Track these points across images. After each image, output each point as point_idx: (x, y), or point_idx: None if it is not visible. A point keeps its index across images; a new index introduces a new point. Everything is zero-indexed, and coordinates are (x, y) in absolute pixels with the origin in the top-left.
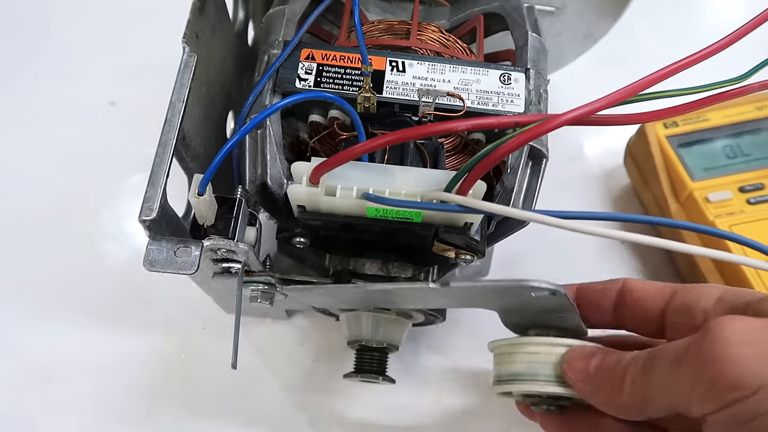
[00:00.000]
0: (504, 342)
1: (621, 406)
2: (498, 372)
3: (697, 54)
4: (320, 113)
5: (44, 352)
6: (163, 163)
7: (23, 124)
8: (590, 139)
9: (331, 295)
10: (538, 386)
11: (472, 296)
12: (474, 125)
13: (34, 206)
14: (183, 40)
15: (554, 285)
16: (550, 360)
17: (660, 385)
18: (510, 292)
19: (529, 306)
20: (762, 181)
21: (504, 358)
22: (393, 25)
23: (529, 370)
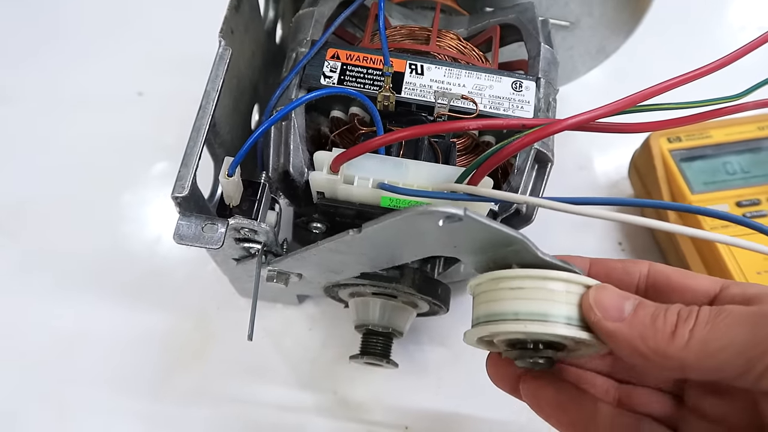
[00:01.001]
0: (484, 278)
1: (664, 356)
2: (477, 313)
3: (695, 71)
4: (341, 109)
5: (67, 327)
6: (196, 146)
7: (53, 111)
8: (598, 152)
9: (298, 263)
10: (523, 326)
11: (394, 236)
12: (484, 125)
13: (61, 190)
14: (219, 35)
15: (455, 208)
16: (540, 296)
17: (728, 342)
18: (416, 221)
19: (471, 242)
20: (759, 197)
21: (486, 296)
22: (414, 30)
23: (530, 308)
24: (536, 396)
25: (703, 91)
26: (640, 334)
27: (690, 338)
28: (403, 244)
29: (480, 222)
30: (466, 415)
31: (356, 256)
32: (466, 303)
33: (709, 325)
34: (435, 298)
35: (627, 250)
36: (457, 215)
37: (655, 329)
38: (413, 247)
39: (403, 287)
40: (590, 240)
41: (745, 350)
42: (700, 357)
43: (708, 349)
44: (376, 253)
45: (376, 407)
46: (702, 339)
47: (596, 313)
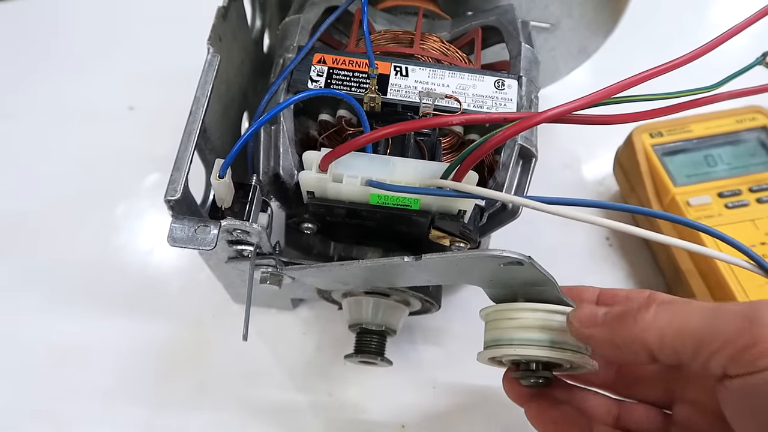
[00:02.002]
0: (500, 307)
1: (632, 341)
2: (491, 337)
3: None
4: (329, 112)
5: (62, 339)
6: (188, 150)
7: (45, 126)
8: (583, 150)
9: (322, 274)
10: (530, 350)
11: (449, 268)
12: (467, 120)
13: (54, 203)
14: (208, 42)
15: (520, 254)
16: (544, 325)
17: (685, 325)
18: (480, 261)
19: (507, 279)
20: (739, 188)
21: (497, 323)
22: (398, 34)
23: (523, 335)
24: (540, 417)
25: (679, 85)
26: (611, 330)
27: (651, 321)
28: (445, 274)
29: (537, 269)
30: (462, 412)
31: (384, 276)
32: (458, 300)
33: (668, 310)
34: (427, 296)
35: (614, 246)
36: (521, 261)
37: (621, 321)
38: (450, 277)
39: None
40: (578, 235)
41: (698, 335)
42: (660, 338)
43: (666, 332)
44: (407, 276)
45: (372, 407)
46: (661, 322)
47: (575, 324)
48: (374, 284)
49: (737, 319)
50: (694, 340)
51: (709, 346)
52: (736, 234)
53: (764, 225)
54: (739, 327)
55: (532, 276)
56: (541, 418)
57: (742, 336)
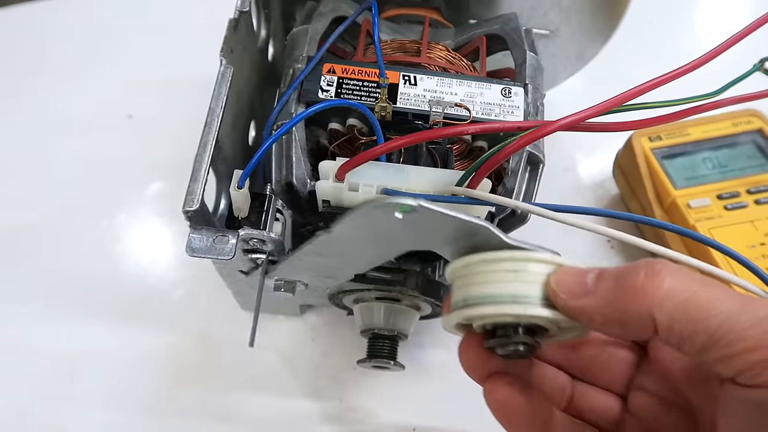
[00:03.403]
0: (468, 260)
1: (637, 315)
2: (459, 297)
3: (676, 70)
4: (339, 121)
5: (65, 350)
6: (204, 161)
7: (43, 135)
8: (582, 154)
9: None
10: (508, 308)
11: (366, 233)
12: (483, 129)
13: (54, 212)
14: (220, 53)
15: (407, 199)
16: (525, 278)
17: (706, 314)
18: (373, 216)
19: (437, 234)
20: (738, 190)
21: (469, 279)
22: (405, 43)
23: (500, 290)
24: (502, 404)
25: (678, 92)
26: (607, 301)
27: (664, 296)
28: (376, 241)
29: (435, 212)
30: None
31: (337, 257)
32: None
33: (684, 286)
34: (438, 300)
35: (616, 248)
36: (411, 206)
37: (621, 290)
38: (387, 244)
39: (407, 290)
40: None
41: (716, 330)
42: (670, 321)
43: (677, 316)
44: (354, 252)
45: (382, 412)
46: (674, 300)
47: (561, 295)
48: (352, 269)
49: (766, 325)
50: (710, 334)
51: (727, 347)
52: (737, 235)
53: (763, 226)
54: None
55: (455, 224)
56: (503, 406)
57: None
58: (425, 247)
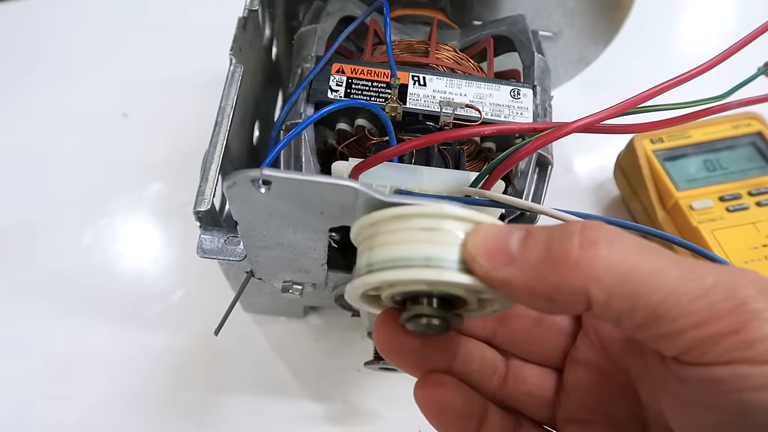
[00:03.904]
0: (374, 216)
1: (570, 291)
2: (367, 259)
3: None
4: (347, 122)
5: (63, 350)
6: (215, 162)
7: (38, 133)
8: (582, 154)
9: None
10: (433, 273)
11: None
12: (499, 130)
13: (51, 211)
14: (230, 53)
15: (253, 172)
16: (439, 239)
17: (647, 287)
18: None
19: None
20: (739, 191)
21: (375, 240)
22: (413, 44)
23: (410, 253)
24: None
25: (679, 95)
26: (535, 273)
27: (600, 270)
28: (285, 222)
29: (288, 179)
30: None
31: (279, 247)
32: None
33: (622, 257)
34: None
35: None
36: (259, 176)
37: (551, 261)
38: (299, 223)
39: None
40: None
41: (658, 305)
42: (607, 296)
43: (616, 291)
44: (284, 238)
45: (387, 413)
46: (612, 274)
47: (480, 262)
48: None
49: (714, 296)
50: (651, 311)
51: (670, 323)
52: (739, 237)
53: (765, 228)
54: (717, 308)
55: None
56: (437, 408)
57: (718, 320)
58: (335, 222)
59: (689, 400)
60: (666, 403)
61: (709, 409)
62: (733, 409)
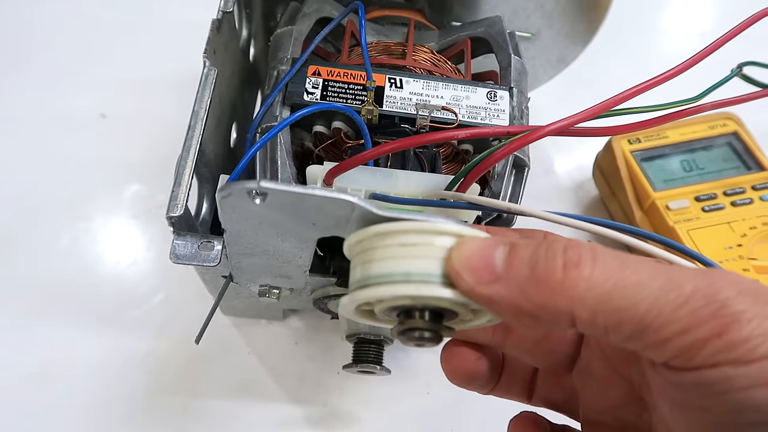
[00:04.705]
0: (363, 234)
1: (555, 311)
2: (357, 276)
3: (661, 75)
4: (324, 124)
5: (42, 357)
6: (188, 166)
7: (14, 135)
8: (561, 155)
9: None
10: (409, 288)
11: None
12: (473, 134)
13: (27, 214)
14: (204, 55)
15: (250, 183)
16: (427, 254)
17: (631, 301)
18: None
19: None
20: (714, 192)
21: (364, 256)
22: (390, 46)
23: (399, 268)
24: None
25: (656, 95)
26: (520, 292)
27: (585, 289)
28: (275, 231)
29: (285, 191)
30: (457, 417)
31: (264, 255)
32: None
33: (606, 274)
34: None
35: None
36: (252, 188)
37: (536, 282)
38: (289, 233)
39: None
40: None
41: (643, 317)
42: (592, 314)
43: (602, 308)
44: (271, 246)
45: (367, 416)
46: (597, 292)
47: (465, 278)
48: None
49: (695, 302)
50: (637, 323)
51: (657, 332)
52: (714, 237)
53: (739, 228)
54: (699, 313)
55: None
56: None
57: (701, 325)
58: (326, 232)
59: (684, 403)
60: (664, 406)
61: (704, 411)
62: (726, 410)
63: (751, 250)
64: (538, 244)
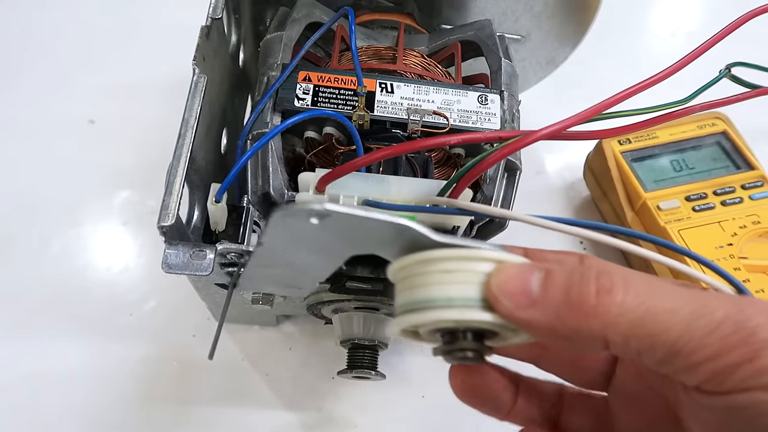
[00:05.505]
0: (407, 261)
1: (591, 335)
2: (402, 300)
3: (651, 78)
4: (315, 130)
5: (33, 366)
6: (178, 175)
7: (4, 142)
8: (552, 156)
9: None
10: (452, 312)
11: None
12: (465, 140)
13: (17, 221)
14: (193, 62)
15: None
16: (468, 279)
17: (663, 327)
18: (288, 224)
19: (366, 237)
20: (705, 191)
21: (411, 281)
22: (380, 50)
23: (442, 293)
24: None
25: (646, 97)
26: (556, 316)
27: (617, 315)
28: (313, 248)
29: (349, 215)
30: (452, 420)
31: (286, 267)
32: None
33: (638, 300)
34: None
35: (588, 249)
36: (320, 211)
37: (571, 306)
38: (326, 250)
39: (387, 299)
40: (554, 240)
41: (674, 342)
42: (625, 338)
43: (634, 332)
44: (299, 261)
45: (362, 421)
46: (630, 317)
47: (503, 302)
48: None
49: (725, 328)
50: (669, 348)
51: (688, 357)
52: (705, 236)
53: (729, 227)
54: (729, 340)
55: (373, 226)
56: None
57: (731, 351)
58: (364, 251)
59: (718, 425)
60: (698, 428)
61: None
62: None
63: (741, 249)
64: (572, 270)
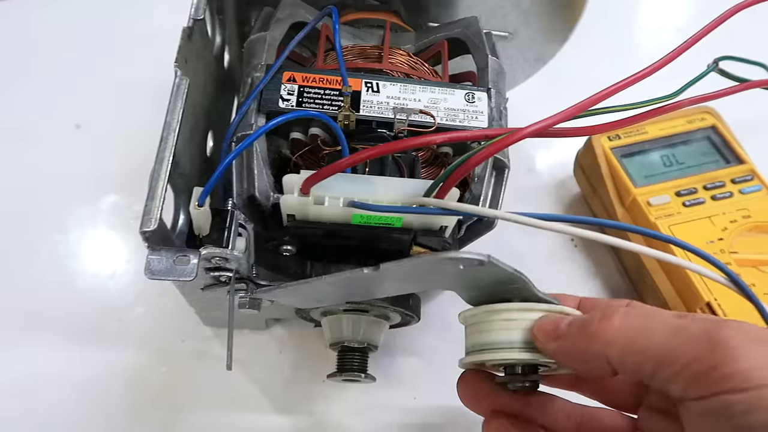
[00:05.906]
0: (478, 310)
1: (594, 355)
2: (472, 342)
3: (637, 74)
4: (300, 131)
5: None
6: (161, 179)
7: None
8: (542, 153)
9: (293, 294)
10: (513, 353)
11: (412, 274)
12: (450, 138)
13: (3, 228)
14: (175, 65)
15: (478, 254)
16: (525, 326)
17: (649, 342)
18: (440, 265)
19: (477, 280)
20: (695, 186)
21: (478, 327)
22: (366, 49)
23: (505, 338)
24: None
25: (634, 92)
26: (571, 343)
27: (613, 336)
28: (411, 280)
29: (499, 267)
30: (444, 422)
31: (361, 289)
32: (434, 308)
33: (632, 323)
34: (407, 309)
35: (579, 246)
36: (481, 261)
37: (581, 333)
38: (421, 283)
39: (376, 301)
40: (545, 238)
41: (658, 355)
42: (621, 355)
43: (627, 349)
44: (382, 286)
45: (354, 423)
46: (624, 337)
47: (539, 338)
48: (350, 299)
49: (698, 340)
50: (654, 360)
51: (668, 367)
52: (695, 231)
53: (719, 221)
54: (699, 349)
55: (500, 275)
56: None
57: (701, 359)
58: (452, 289)
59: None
60: None
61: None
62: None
63: (732, 244)
64: (591, 315)
